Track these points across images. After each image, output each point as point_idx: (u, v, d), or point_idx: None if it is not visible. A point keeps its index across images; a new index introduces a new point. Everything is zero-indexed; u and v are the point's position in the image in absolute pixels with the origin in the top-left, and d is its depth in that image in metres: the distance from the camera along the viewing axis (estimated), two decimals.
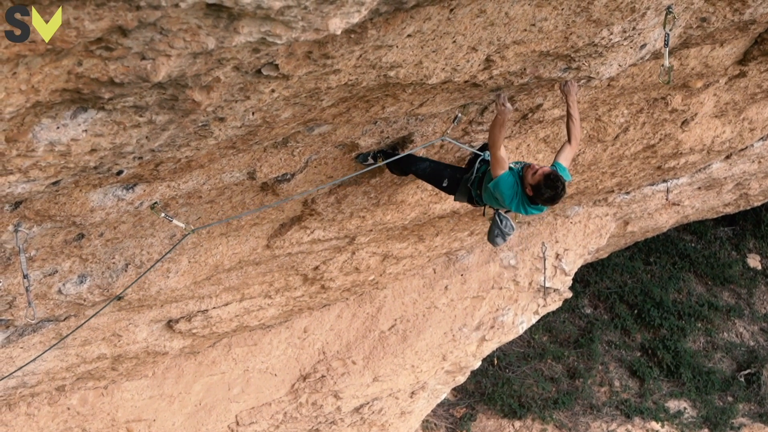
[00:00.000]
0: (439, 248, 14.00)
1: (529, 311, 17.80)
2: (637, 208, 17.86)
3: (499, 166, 8.17)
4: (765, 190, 20.49)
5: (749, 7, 8.38)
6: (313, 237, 10.80)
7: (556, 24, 6.64)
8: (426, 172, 9.32)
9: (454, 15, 5.69)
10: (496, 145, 8.01)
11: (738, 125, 14.31)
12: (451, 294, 16.06)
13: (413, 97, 7.09)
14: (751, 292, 26.83)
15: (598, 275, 25.85)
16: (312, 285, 12.64)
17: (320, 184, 9.39)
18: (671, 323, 25.24)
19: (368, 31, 5.14)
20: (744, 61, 11.41)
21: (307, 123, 6.99)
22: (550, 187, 7.97)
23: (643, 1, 6.86)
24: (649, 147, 13.10)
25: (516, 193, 8.24)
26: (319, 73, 5.42)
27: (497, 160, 8.13)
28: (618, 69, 8.14)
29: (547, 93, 9.34)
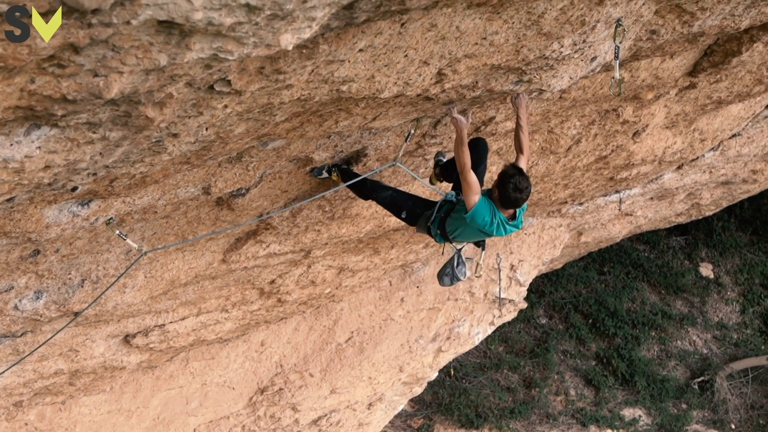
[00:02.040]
0: (394, 261, 14.03)
1: (484, 322, 17.86)
2: (591, 218, 17.97)
3: (472, 191, 8.07)
4: (716, 199, 20.67)
5: (698, 20, 8.48)
6: (268, 251, 10.80)
7: (507, 37, 6.69)
8: (386, 201, 9.33)
9: (406, 29, 5.73)
10: (465, 166, 7.95)
11: (689, 136, 14.45)
12: (407, 306, 16.09)
13: (366, 111, 7.12)
14: (703, 300, 27.06)
15: (552, 285, 25.97)
16: (268, 299, 12.64)
17: (275, 199, 9.40)
18: (625, 332, 25.41)
19: (320, 46, 5.18)
20: (694, 72, 11.52)
21: (261, 138, 7.01)
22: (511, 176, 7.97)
23: (593, 15, 6.92)
24: (601, 158, 13.20)
25: (494, 215, 8.19)
26: (271, 88, 5.44)
27: (469, 184, 8.05)
28: (569, 81, 8.19)
29: (499, 106, 9.39)
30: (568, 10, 6.59)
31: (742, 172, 19.21)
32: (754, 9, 8.67)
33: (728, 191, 20.41)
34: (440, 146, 9.66)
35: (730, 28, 9.06)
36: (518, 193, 8.02)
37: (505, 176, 7.99)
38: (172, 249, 9.61)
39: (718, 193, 20.30)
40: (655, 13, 8.10)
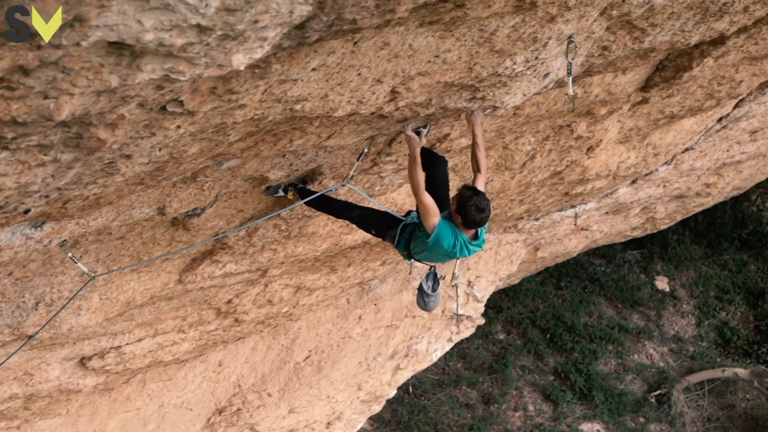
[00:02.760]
0: (351, 278, 14.02)
1: (442, 339, 17.89)
2: (547, 233, 18.05)
3: (429, 213, 8.02)
4: (671, 213, 20.82)
5: (648, 36, 8.53)
6: (225, 271, 10.77)
7: (459, 55, 6.70)
8: (355, 220, 9.33)
9: (359, 48, 5.73)
10: (419, 188, 7.93)
11: (642, 150, 14.54)
12: (365, 324, 16.08)
13: (321, 129, 7.11)
14: (659, 313, 27.25)
15: (510, 301, 26.05)
16: (225, 318, 12.59)
17: (231, 218, 9.37)
18: (583, 346, 25.53)
19: (272, 65, 5.16)
20: (646, 87, 11.60)
21: (216, 158, 6.98)
22: (469, 198, 7.91)
23: (544, 32, 6.95)
24: (556, 174, 13.25)
25: (457, 238, 8.14)
26: (224, 108, 5.41)
27: (425, 207, 8.00)
28: (523, 98, 8.22)
29: (453, 123, 9.41)
30: (520, 28, 6.62)
31: (696, 186, 19.36)
32: (704, 25, 8.74)
33: (682, 205, 20.57)
34: (395, 164, 9.67)
35: (681, 43, 9.13)
36: (481, 213, 7.96)
37: (463, 200, 7.93)
38: (128, 270, 9.56)
39: (673, 206, 20.45)
40: (607, 30, 8.15)
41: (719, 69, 11.53)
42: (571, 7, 6.68)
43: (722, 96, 12.66)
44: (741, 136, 17.16)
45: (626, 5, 7.64)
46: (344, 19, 4.73)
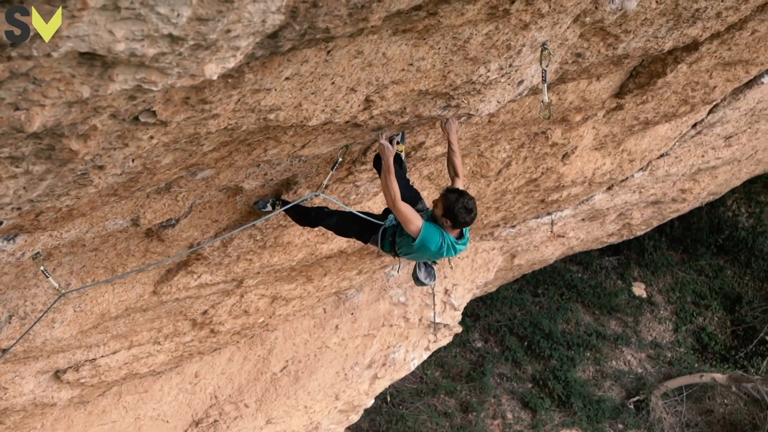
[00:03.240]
0: (328, 288, 13.99)
1: (420, 347, 17.86)
2: (523, 241, 18.07)
3: (410, 220, 8.00)
4: (647, 219, 20.88)
5: (622, 42, 8.55)
6: (200, 281, 10.73)
7: (433, 63, 6.69)
8: (333, 227, 9.30)
9: (332, 57, 5.71)
10: (396, 198, 7.90)
11: (617, 157, 14.57)
12: (342, 333, 16.05)
13: (295, 139, 7.09)
14: (637, 320, 27.30)
15: (487, 309, 26.05)
16: (201, 329, 12.54)
17: (206, 229, 9.33)
18: (561, 353, 25.54)
19: (245, 75, 5.13)
20: (620, 94, 11.63)
21: (190, 168, 6.95)
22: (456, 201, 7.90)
23: (518, 39, 6.94)
24: (531, 181, 13.27)
25: (443, 239, 8.13)
26: (197, 118, 5.38)
27: (404, 215, 7.98)
28: (497, 105, 8.22)
29: (428, 131, 9.41)
30: (493, 35, 6.61)
31: (671, 192, 19.42)
32: (677, 31, 8.76)
33: (658, 210, 20.63)
34: (371, 172, 9.65)
35: (654, 50, 9.15)
36: (469, 214, 7.97)
37: (450, 203, 7.93)
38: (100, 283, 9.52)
39: (649, 212, 20.51)
40: (580, 37, 8.16)
41: (693, 75, 11.57)
42: (545, 15, 6.68)
43: (696, 102, 12.71)
44: (716, 141, 17.22)
45: (599, 12, 7.65)
46: (317, 28, 4.71)
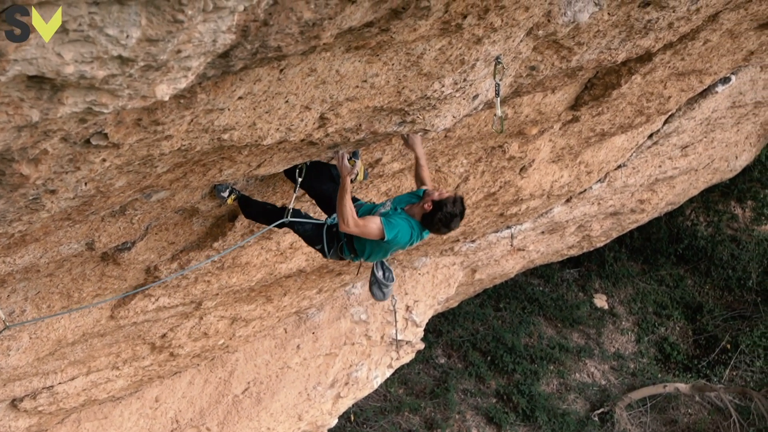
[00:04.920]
0: (288, 308, 13.94)
1: (382, 365, 17.83)
2: (484, 255, 18.09)
3: (370, 232, 7.89)
4: (606, 230, 20.97)
5: (575, 55, 8.58)
6: (158, 305, 10.66)
7: (387, 79, 6.68)
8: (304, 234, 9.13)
9: (285, 75, 5.69)
10: (348, 218, 7.74)
11: (575, 169, 14.63)
12: (303, 353, 15.99)
13: (250, 158, 7.06)
14: (599, 331, 27.39)
15: (450, 324, 26.05)
16: (160, 353, 12.46)
17: (163, 251, 9.29)
18: (524, 367, 25.56)
19: (198, 95, 5.10)
20: (576, 106, 11.68)
21: (144, 190, 6.90)
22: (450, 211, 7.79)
23: (471, 53, 6.94)
24: (490, 195, 13.28)
25: (412, 229, 8.01)
26: (150, 139, 5.34)
27: (364, 230, 7.87)
28: (453, 120, 8.21)
29: (385, 147, 9.40)
30: (446, 50, 6.61)
31: (630, 203, 19.52)
32: (630, 42, 8.80)
33: (617, 222, 20.72)
34: None
35: (608, 61, 9.19)
36: (444, 228, 7.93)
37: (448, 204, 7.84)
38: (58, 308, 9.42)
39: (608, 224, 20.60)
40: (534, 50, 8.18)
41: (647, 85, 11.64)
42: (497, 29, 6.68)
43: (652, 112, 12.78)
44: (672, 151, 17.33)
45: (552, 25, 7.66)
46: (269, 47, 4.68)
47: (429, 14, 5.74)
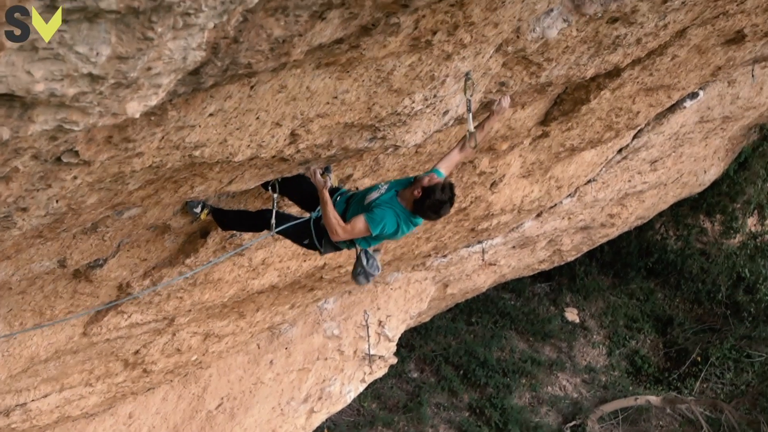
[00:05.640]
0: (261, 323, 13.93)
1: (355, 380, 17.82)
2: (455, 270, 18.12)
3: (359, 232, 7.96)
4: (577, 245, 21.05)
5: (545, 70, 8.64)
6: (130, 321, 10.63)
7: (358, 95, 6.70)
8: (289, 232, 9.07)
9: (255, 92, 5.71)
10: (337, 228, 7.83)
11: (545, 184, 14.69)
12: (276, 368, 15.97)
13: (221, 175, 7.06)
14: (571, 345, 27.46)
15: (422, 339, 26.05)
16: (134, 369, 12.42)
17: (135, 268, 9.27)
18: (497, 381, 25.58)
19: (168, 112, 5.11)
20: (546, 121, 11.74)
21: (116, 207, 6.89)
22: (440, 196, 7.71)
23: (441, 70, 6.99)
24: (461, 210, 13.32)
25: (399, 219, 7.98)
26: (121, 157, 5.34)
27: (352, 231, 7.91)
28: (423, 136, 8.24)
29: (356, 163, 9.42)
30: (416, 66, 6.65)
31: (600, 217, 19.61)
32: (598, 58, 8.87)
33: (588, 236, 20.81)
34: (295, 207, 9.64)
35: (577, 77, 9.25)
36: (433, 213, 7.91)
37: (436, 190, 7.78)
38: (30, 325, 9.39)
39: (578, 238, 20.68)
40: (503, 66, 8.23)
41: (616, 101, 11.71)
42: (467, 45, 6.73)
43: (621, 127, 12.86)
44: (641, 166, 17.43)
45: (521, 41, 7.72)
46: (239, 64, 4.70)
47: (399, 31, 5.78)
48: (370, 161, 9.58)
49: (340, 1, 4.56)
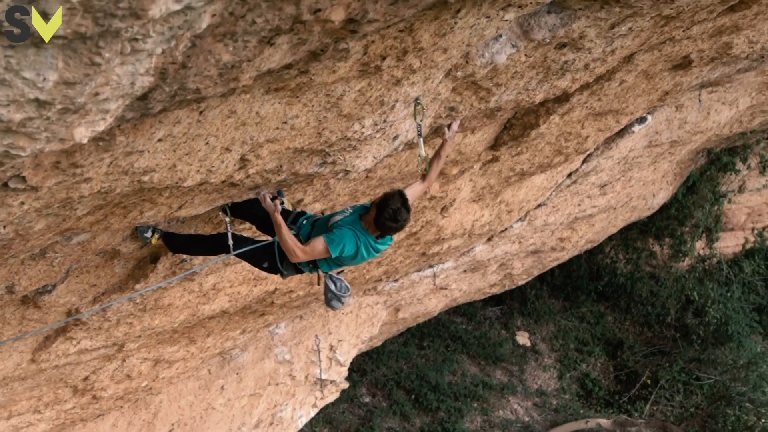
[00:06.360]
0: (211, 349, 13.86)
1: (307, 405, 17.77)
2: (407, 294, 18.12)
3: (317, 254, 7.96)
4: (527, 269, 21.12)
5: (494, 96, 8.69)
6: (80, 347, 10.54)
7: (308, 121, 6.71)
8: (249, 256, 9.05)
9: (205, 117, 5.70)
10: (296, 247, 7.85)
11: (496, 208, 14.74)
12: (227, 394, 15.89)
13: (171, 200, 7.04)
14: (522, 368, 27.52)
15: (374, 363, 26.02)
16: (83, 396, 12.31)
17: (84, 294, 9.20)
18: (448, 405, 25.58)
19: (117, 137, 5.09)
20: (496, 146, 11.80)
21: (64, 233, 6.85)
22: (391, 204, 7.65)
23: (391, 95, 7.01)
24: (412, 234, 13.34)
25: (359, 241, 7.97)
26: (69, 182, 5.31)
27: (311, 253, 7.92)
28: (374, 161, 8.26)
29: (306, 188, 9.42)
30: (366, 92, 6.66)
31: (550, 241, 19.69)
32: (547, 83, 8.94)
33: (538, 260, 20.89)
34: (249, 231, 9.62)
35: (526, 102, 9.31)
36: (393, 223, 7.79)
37: (387, 201, 7.73)
38: None
39: (529, 262, 20.76)
40: (453, 91, 8.27)
41: (565, 125, 11.80)
42: (416, 70, 6.76)
43: (570, 151, 12.94)
44: (591, 190, 17.54)
45: (470, 66, 7.76)
46: (188, 89, 4.69)
47: (348, 56, 5.80)
48: (321, 186, 9.58)
49: (288, 27, 4.57)
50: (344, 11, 4.69)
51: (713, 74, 12.58)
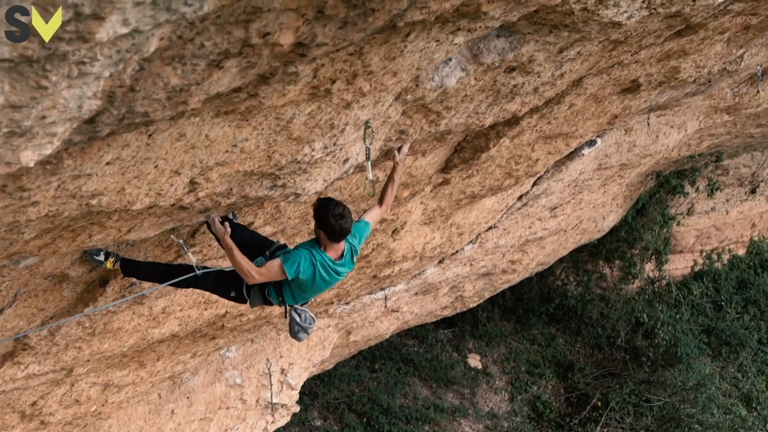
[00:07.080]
0: (161, 373, 13.78)
1: (258, 429, 17.69)
2: (358, 317, 18.12)
3: (272, 275, 7.98)
4: (479, 291, 21.18)
5: (444, 119, 8.72)
6: (27, 372, 10.45)
7: (257, 144, 6.70)
8: (212, 286, 9.05)
9: (154, 140, 5.68)
10: (250, 269, 7.85)
11: (447, 231, 14.78)
12: (178, 418, 15.79)
13: (120, 223, 7.00)
14: (473, 391, 27.52)
15: (325, 386, 25.95)
16: (30, 421, 12.19)
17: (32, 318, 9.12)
18: (400, 428, 25.53)
19: (64, 161, 5.06)
20: (446, 169, 11.84)
21: (12, 256, 6.80)
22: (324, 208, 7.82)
23: (341, 118, 7.02)
24: (362, 257, 13.34)
25: (315, 262, 8.01)
26: (16, 206, 5.28)
27: (267, 274, 7.94)
28: (324, 184, 8.27)
29: (257, 211, 9.41)
30: (316, 115, 6.67)
31: (501, 263, 19.76)
32: (497, 106, 8.98)
33: (489, 282, 20.95)
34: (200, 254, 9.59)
35: (476, 125, 9.35)
36: (341, 220, 7.83)
37: (324, 205, 7.85)
38: None
39: (480, 284, 20.81)
40: (403, 114, 8.29)
41: (515, 148, 11.86)
42: (366, 93, 6.77)
43: (520, 174, 13.01)
44: (542, 212, 17.64)
45: (420, 90, 7.79)
46: (136, 112, 4.68)
47: (297, 79, 5.81)
48: (272, 209, 9.57)
49: (237, 51, 4.57)
50: (293, 35, 4.69)
51: (662, 98, 12.70)
